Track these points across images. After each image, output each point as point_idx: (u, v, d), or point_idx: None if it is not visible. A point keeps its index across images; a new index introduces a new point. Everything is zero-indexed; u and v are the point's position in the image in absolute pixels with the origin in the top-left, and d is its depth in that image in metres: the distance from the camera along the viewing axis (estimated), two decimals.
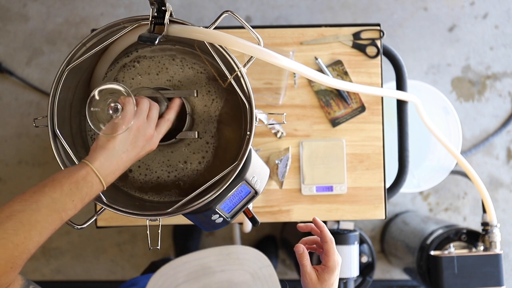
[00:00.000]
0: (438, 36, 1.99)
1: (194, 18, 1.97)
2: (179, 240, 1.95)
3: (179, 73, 0.94)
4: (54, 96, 0.83)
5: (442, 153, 1.71)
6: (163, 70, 0.94)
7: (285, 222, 1.77)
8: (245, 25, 0.84)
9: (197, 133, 0.91)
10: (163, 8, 0.80)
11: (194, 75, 0.94)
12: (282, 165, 1.20)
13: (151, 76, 0.94)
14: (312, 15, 1.97)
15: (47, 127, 0.83)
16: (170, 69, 0.94)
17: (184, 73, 0.94)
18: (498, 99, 1.99)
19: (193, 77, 0.94)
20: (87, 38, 0.85)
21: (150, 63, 0.94)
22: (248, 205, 0.92)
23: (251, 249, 0.89)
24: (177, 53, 0.94)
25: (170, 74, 0.94)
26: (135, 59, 0.94)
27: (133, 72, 0.94)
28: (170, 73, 0.94)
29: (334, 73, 1.25)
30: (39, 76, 1.97)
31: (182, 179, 0.94)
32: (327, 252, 0.86)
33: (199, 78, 0.94)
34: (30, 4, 1.97)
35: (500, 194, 1.99)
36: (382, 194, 1.25)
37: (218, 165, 0.94)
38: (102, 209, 0.85)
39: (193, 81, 0.94)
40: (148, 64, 0.94)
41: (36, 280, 1.98)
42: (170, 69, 0.94)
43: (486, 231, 1.34)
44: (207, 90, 0.94)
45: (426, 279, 1.45)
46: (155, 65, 0.94)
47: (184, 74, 0.94)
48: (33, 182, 1.94)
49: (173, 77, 0.94)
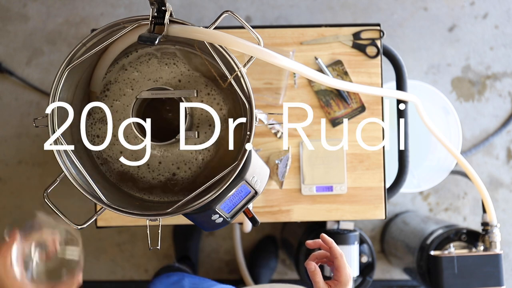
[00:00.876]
0: (438, 36, 1.99)
1: (194, 18, 1.97)
2: (179, 240, 1.95)
3: (179, 73, 0.94)
4: (54, 96, 0.83)
5: (442, 153, 1.71)
6: (163, 70, 0.94)
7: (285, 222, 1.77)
8: (245, 25, 0.84)
9: (197, 133, 0.91)
10: (163, 8, 0.80)
11: (194, 75, 0.94)
12: (282, 165, 1.20)
13: (151, 76, 0.94)
14: (312, 15, 1.97)
15: (47, 127, 0.83)
16: (170, 69, 0.94)
17: (184, 73, 0.94)
18: (498, 99, 1.99)
19: (193, 77, 0.94)
20: (87, 38, 0.85)
21: (150, 63, 0.94)
22: (248, 205, 0.92)
23: None
24: (177, 53, 0.94)
25: (170, 74, 0.94)
26: (135, 59, 0.94)
27: (133, 72, 0.94)
28: (170, 73, 0.94)
29: (334, 73, 1.25)
30: (39, 76, 1.97)
31: (182, 179, 0.94)
32: (338, 267, 0.87)
33: (199, 78, 0.94)
34: (30, 4, 1.97)
35: (500, 194, 1.99)
36: (382, 194, 1.25)
37: (218, 165, 0.94)
38: (102, 209, 0.85)
39: (193, 81, 0.94)
40: (148, 64, 0.94)
41: None
42: (170, 69, 0.94)
43: (486, 231, 1.34)
44: (207, 91, 0.94)
45: (426, 279, 1.45)
46: (155, 65, 0.94)
47: (184, 74, 0.94)
48: (33, 182, 1.94)
49: (173, 77, 0.94)
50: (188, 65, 0.94)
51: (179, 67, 0.94)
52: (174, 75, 0.94)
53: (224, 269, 2.00)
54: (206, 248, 2.00)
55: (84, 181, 0.85)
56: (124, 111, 0.94)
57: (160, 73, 0.94)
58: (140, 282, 2.00)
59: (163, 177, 0.94)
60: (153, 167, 0.94)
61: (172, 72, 0.94)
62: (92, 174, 0.87)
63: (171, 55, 0.94)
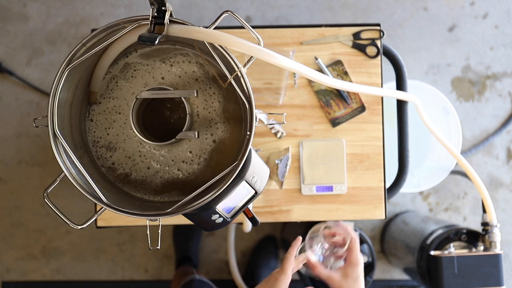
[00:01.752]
0: (438, 36, 1.99)
1: (194, 18, 1.97)
2: (180, 241, 1.95)
3: (179, 73, 0.94)
4: (54, 96, 0.83)
5: (442, 153, 1.71)
6: (163, 70, 0.94)
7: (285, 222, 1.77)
8: (245, 25, 0.84)
9: (197, 133, 0.91)
10: (163, 8, 0.80)
11: (194, 75, 0.94)
12: (282, 165, 1.20)
13: (151, 76, 0.94)
14: (312, 15, 1.97)
15: (47, 127, 0.83)
16: (170, 69, 0.94)
17: (184, 73, 0.94)
18: (498, 99, 1.99)
19: (193, 77, 0.94)
20: (87, 38, 0.85)
21: (150, 63, 0.94)
22: (248, 205, 0.92)
23: None
24: (177, 53, 0.94)
25: (170, 74, 0.94)
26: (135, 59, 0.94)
27: (133, 72, 0.94)
28: (170, 73, 0.94)
29: (334, 73, 1.25)
30: (39, 76, 1.97)
31: (182, 179, 0.94)
32: (351, 248, 0.94)
33: (199, 78, 0.94)
34: (30, 4, 1.97)
35: (500, 194, 1.99)
36: (382, 194, 1.25)
37: (218, 165, 0.94)
38: (102, 209, 0.85)
39: (193, 81, 0.94)
40: (148, 64, 0.94)
41: (36, 280, 1.98)
42: (170, 69, 0.94)
43: (486, 231, 1.34)
44: (207, 90, 0.94)
45: (426, 279, 1.45)
46: (155, 65, 0.94)
47: (184, 74, 0.94)
48: (33, 182, 1.94)
49: (173, 77, 0.94)
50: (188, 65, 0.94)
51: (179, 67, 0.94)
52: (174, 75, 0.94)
53: (224, 269, 2.00)
54: (206, 248, 2.00)
55: (84, 181, 0.85)
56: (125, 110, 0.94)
57: (160, 73, 0.94)
58: (140, 282, 2.00)
59: (163, 177, 0.94)
60: (153, 167, 0.94)
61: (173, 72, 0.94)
62: (92, 174, 0.87)
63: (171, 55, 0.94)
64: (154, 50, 0.94)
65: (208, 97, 0.94)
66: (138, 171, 0.94)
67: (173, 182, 0.94)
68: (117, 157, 0.94)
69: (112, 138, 0.94)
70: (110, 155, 0.94)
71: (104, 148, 0.94)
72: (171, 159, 0.94)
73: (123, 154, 0.94)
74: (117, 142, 0.94)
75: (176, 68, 0.94)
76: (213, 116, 0.94)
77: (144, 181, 0.94)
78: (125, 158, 0.94)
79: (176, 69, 0.94)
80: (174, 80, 0.94)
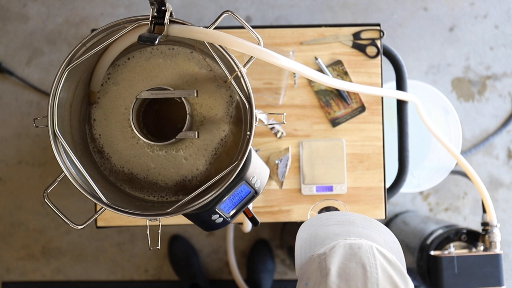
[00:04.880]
0: (438, 36, 1.99)
1: (194, 18, 1.97)
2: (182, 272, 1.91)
3: (179, 73, 0.94)
4: (54, 96, 0.83)
5: (442, 153, 1.71)
6: (163, 70, 0.94)
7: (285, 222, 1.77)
8: (245, 25, 0.84)
9: (197, 133, 0.91)
10: (163, 8, 0.80)
11: (194, 75, 0.94)
12: (282, 165, 1.20)
13: (151, 76, 0.94)
14: (312, 15, 1.97)
15: (47, 127, 0.83)
16: (170, 69, 0.94)
17: (184, 73, 0.94)
18: (498, 99, 1.99)
19: (193, 77, 0.94)
20: (87, 38, 0.85)
21: (150, 63, 0.94)
22: (248, 205, 0.92)
23: (387, 229, 0.96)
24: (177, 53, 0.94)
25: (170, 74, 0.94)
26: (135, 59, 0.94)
27: (133, 72, 0.94)
28: (170, 73, 0.94)
29: (334, 73, 1.25)
30: (39, 76, 1.97)
31: (182, 179, 0.94)
32: None
33: (199, 78, 0.94)
34: (30, 4, 1.97)
35: (500, 194, 1.99)
36: (382, 194, 1.25)
37: (218, 165, 0.94)
38: (102, 209, 0.85)
39: (193, 81, 0.94)
40: (148, 64, 0.94)
41: (36, 280, 1.98)
42: (170, 69, 0.94)
43: (486, 231, 1.34)
44: (207, 90, 0.94)
45: (426, 279, 1.45)
46: (155, 65, 0.94)
47: (184, 74, 0.94)
48: (33, 182, 1.94)
49: (173, 77, 0.94)
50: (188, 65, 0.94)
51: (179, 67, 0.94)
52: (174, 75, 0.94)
53: (224, 269, 2.00)
54: (206, 248, 2.00)
55: (84, 181, 0.85)
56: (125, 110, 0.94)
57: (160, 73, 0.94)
58: (140, 282, 2.00)
59: (163, 177, 0.94)
60: (153, 167, 0.94)
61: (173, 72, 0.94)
62: (92, 174, 0.87)
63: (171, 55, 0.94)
64: (154, 50, 0.94)
65: (208, 97, 0.94)
66: (138, 171, 0.94)
67: (173, 182, 0.94)
68: (117, 157, 0.94)
69: (112, 138, 0.94)
70: (110, 155, 0.94)
71: (104, 148, 0.94)
72: (171, 159, 0.94)
73: (123, 154, 0.94)
74: (117, 142, 0.94)
75: (176, 68, 0.94)
76: (213, 116, 0.94)
77: (144, 181, 0.94)
78: (125, 158, 0.94)
79: (176, 69, 0.94)
80: (174, 80, 0.94)
